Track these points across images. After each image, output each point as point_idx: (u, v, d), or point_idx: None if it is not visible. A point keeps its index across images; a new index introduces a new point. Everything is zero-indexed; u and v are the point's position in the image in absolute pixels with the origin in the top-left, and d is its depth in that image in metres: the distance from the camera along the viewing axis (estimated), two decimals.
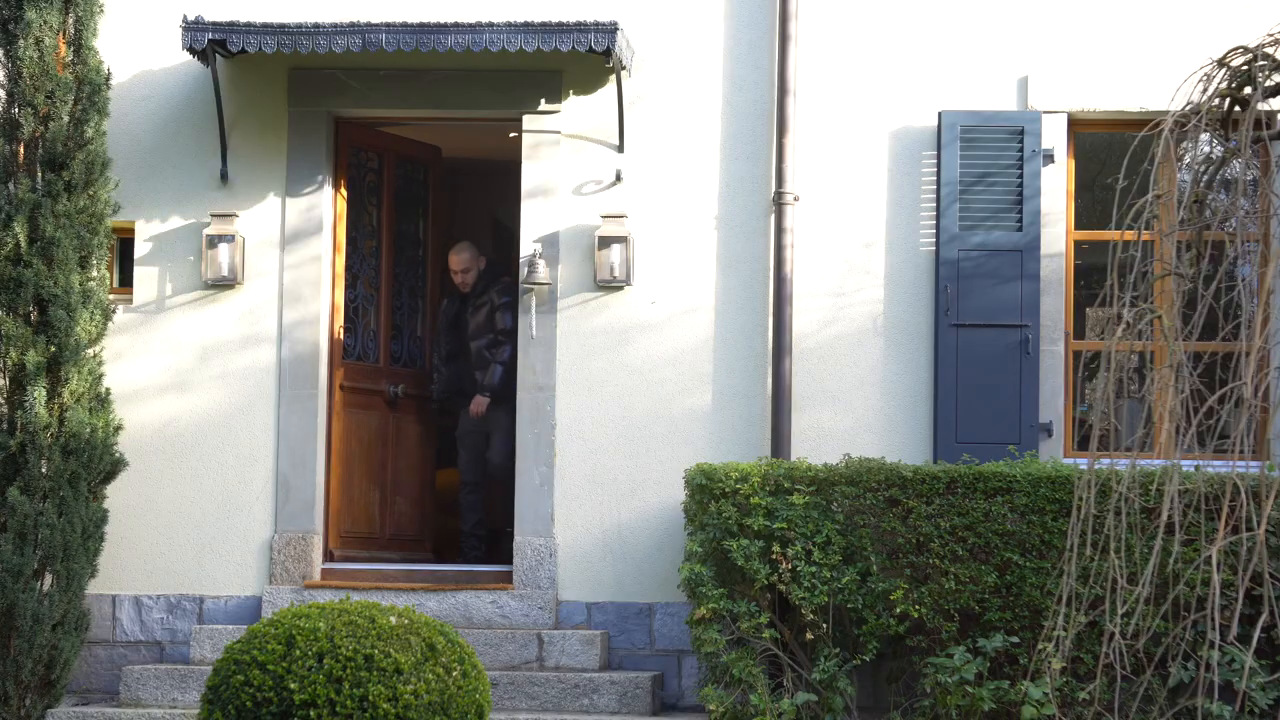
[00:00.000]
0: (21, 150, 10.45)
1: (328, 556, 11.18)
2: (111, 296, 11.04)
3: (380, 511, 11.44)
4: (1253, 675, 9.42)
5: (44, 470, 10.20)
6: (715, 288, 10.99)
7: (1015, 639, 9.74)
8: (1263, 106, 8.45)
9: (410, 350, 11.71)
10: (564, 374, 11.02)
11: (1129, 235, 8.33)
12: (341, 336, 11.31)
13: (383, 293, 11.45)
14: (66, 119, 10.44)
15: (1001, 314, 10.72)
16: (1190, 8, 10.86)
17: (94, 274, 10.55)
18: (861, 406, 10.86)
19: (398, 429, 11.60)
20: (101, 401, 10.51)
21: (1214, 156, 8.66)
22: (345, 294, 11.34)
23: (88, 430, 10.30)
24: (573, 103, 11.13)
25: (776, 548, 9.94)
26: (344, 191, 11.37)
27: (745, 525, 10.00)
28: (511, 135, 11.26)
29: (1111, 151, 11.21)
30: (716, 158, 11.05)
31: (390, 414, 11.52)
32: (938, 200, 10.84)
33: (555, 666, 10.55)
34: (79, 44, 10.53)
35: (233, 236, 11.05)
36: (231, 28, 10.59)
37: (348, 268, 11.36)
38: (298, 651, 7.31)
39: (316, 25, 10.56)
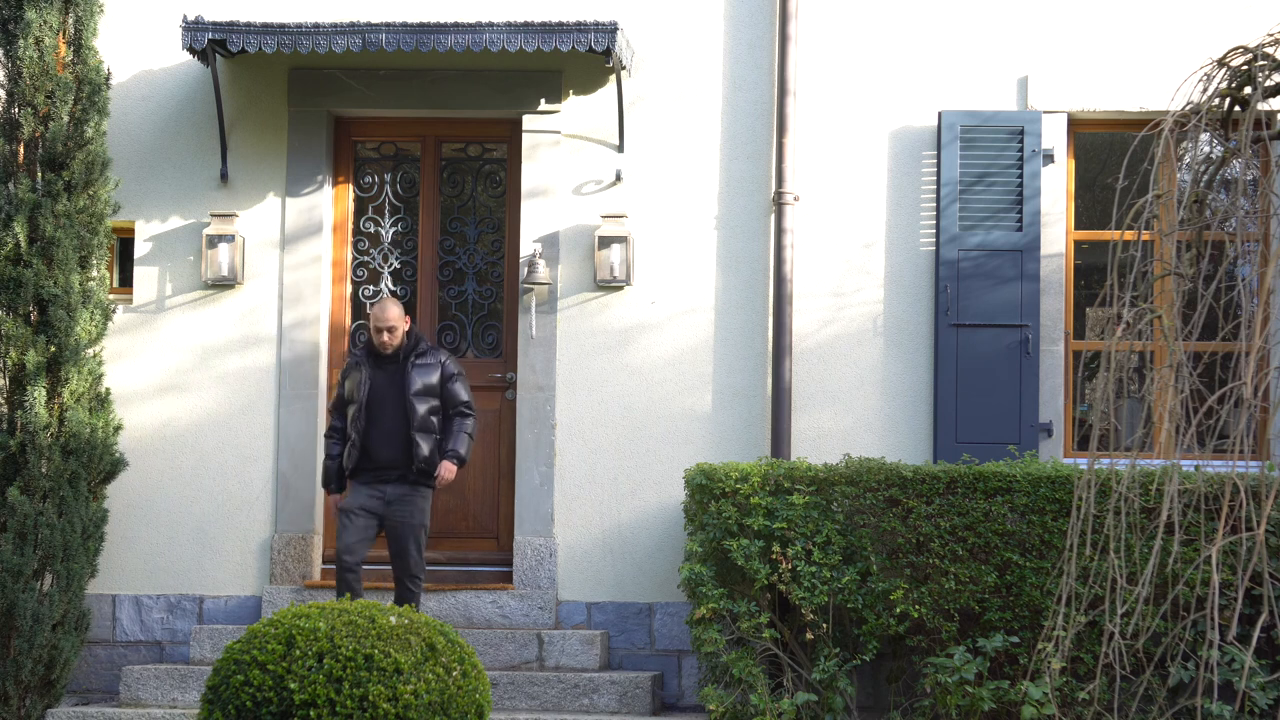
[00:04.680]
0: (21, 150, 10.46)
1: (328, 557, 11.17)
2: (111, 296, 11.04)
3: None
4: (1252, 675, 9.43)
5: (44, 470, 10.21)
6: (715, 288, 10.99)
7: (1015, 639, 9.74)
8: (1263, 106, 8.45)
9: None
10: (564, 374, 11.02)
11: (1129, 235, 8.32)
12: (348, 334, 11.31)
13: (421, 284, 11.40)
14: (66, 119, 10.44)
15: (1001, 314, 10.72)
16: (1190, 8, 10.86)
17: (94, 274, 10.56)
18: (861, 406, 10.87)
19: None
20: (101, 401, 10.52)
21: (1214, 156, 8.65)
22: (385, 286, 11.37)
23: (88, 430, 10.31)
24: (573, 103, 11.13)
25: (776, 548, 9.94)
26: (352, 188, 11.38)
27: (745, 525, 10.00)
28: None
29: (1111, 151, 11.21)
30: (716, 158, 11.05)
31: None
32: (938, 200, 10.84)
33: (555, 666, 10.55)
34: (79, 44, 10.54)
35: (233, 236, 11.05)
36: (231, 28, 10.59)
37: (363, 264, 11.37)
38: (298, 651, 7.30)
39: (316, 25, 10.57)
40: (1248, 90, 8.39)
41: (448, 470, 10.08)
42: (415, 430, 10.07)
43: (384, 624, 7.44)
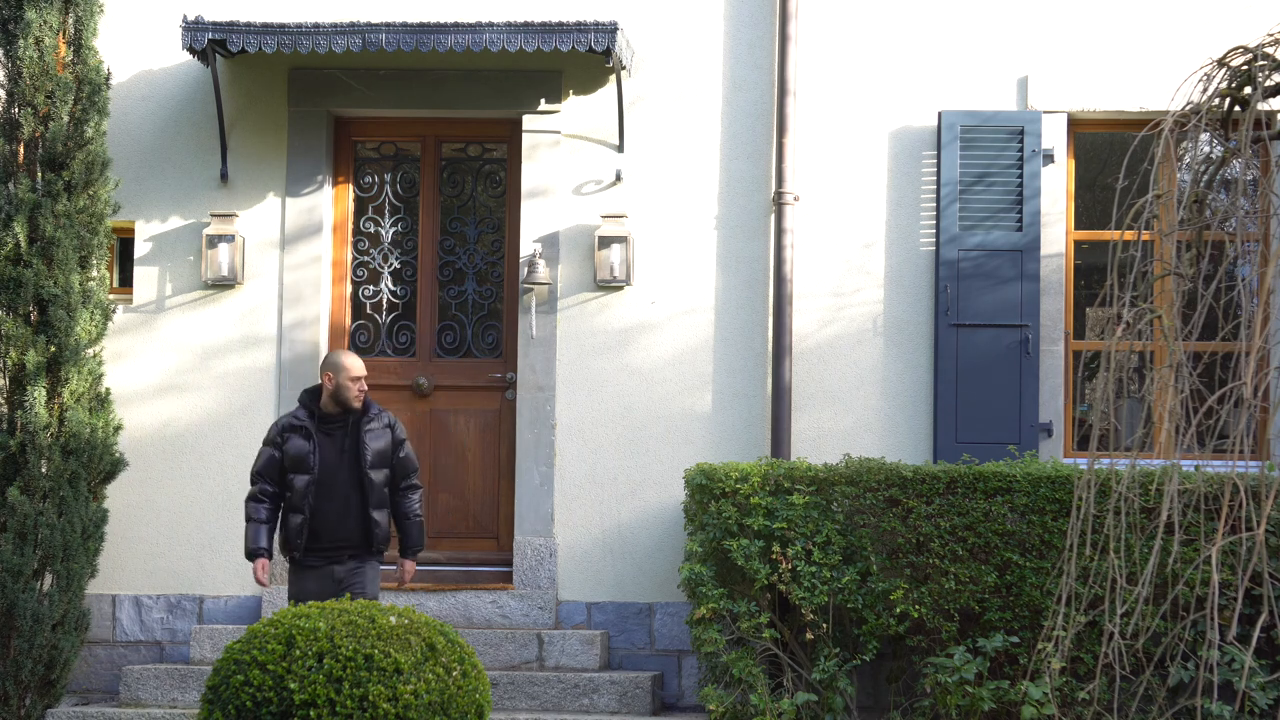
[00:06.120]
0: (21, 150, 10.46)
1: None
2: (111, 296, 11.04)
3: None
4: (1252, 675, 9.43)
5: (44, 470, 10.21)
6: (715, 288, 10.99)
7: (1015, 639, 9.74)
8: (1263, 106, 8.44)
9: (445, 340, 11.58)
10: (564, 374, 11.02)
11: (1129, 235, 8.32)
12: (348, 334, 11.31)
13: (421, 284, 11.40)
14: (66, 119, 10.44)
15: (1001, 314, 10.72)
16: (1190, 8, 10.86)
17: (94, 274, 10.56)
18: (861, 406, 10.87)
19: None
20: (101, 401, 10.52)
21: (1214, 156, 8.65)
22: (385, 286, 11.38)
23: (88, 430, 10.31)
24: (573, 103, 11.13)
25: (776, 548, 9.94)
26: (352, 188, 11.38)
27: (745, 525, 10.00)
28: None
29: (1111, 151, 11.21)
30: (716, 158, 11.05)
31: (411, 408, 11.38)
32: (938, 200, 10.84)
33: (555, 666, 10.55)
34: (79, 44, 10.54)
35: (233, 236, 11.06)
36: (231, 28, 10.60)
37: (363, 264, 11.38)
38: (298, 651, 7.30)
39: (316, 25, 10.57)
40: (1248, 90, 8.39)
41: (411, 571, 9.41)
42: (373, 508, 9.23)
43: (384, 624, 7.44)
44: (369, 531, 9.25)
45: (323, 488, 9.22)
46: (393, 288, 11.42)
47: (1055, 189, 10.87)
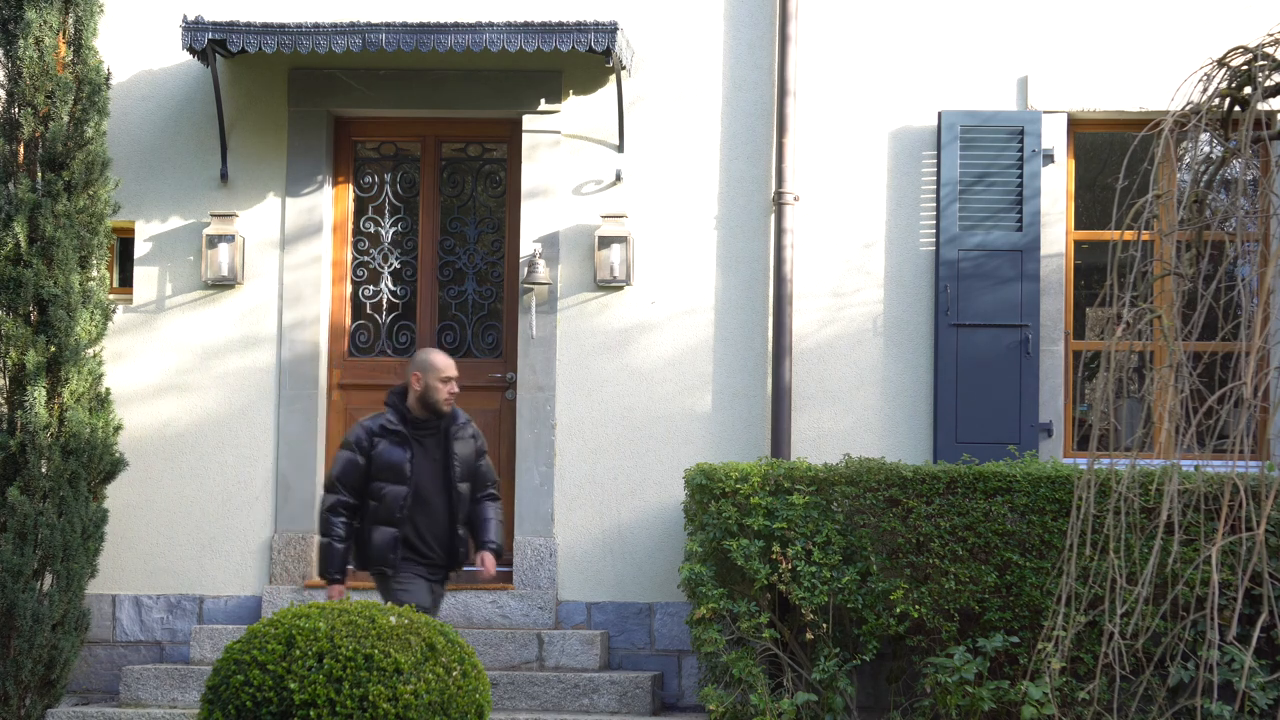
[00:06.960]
0: (21, 150, 10.46)
1: None
2: (111, 296, 11.05)
3: None
4: (1252, 675, 9.43)
5: (44, 470, 10.21)
6: (715, 288, 10.99)
7: (1015, 639, 9.74)
8: (1263, 106, 8.44)
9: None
10: (564, 374, 11.02)
11: (1129, 235, 8.32)
12: (348, 334, 11.32)
13: (421, 284, 11.41)
14: (66, 119, 10.44)
15: (1001, 314, 10.72)
16: (1190, 8, 10.86)
17: (94, 274, 10.56)
18: (861, 406, 10.87)
19: None
20: (101, 401, 10.52)
21: (1214, 156, 8.65)
22: (385, 286, 11.39)
23: (88, 430, 10.31)
24: (573, 103, 11.13)
25: (776, 548, 9.94)
26: (352, 188, 11.38)
27: (745, 525, 10.00)
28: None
29: (1111, 151, 11.21)
30: (716, 158, 11.06)
31: None
32: (938, 200, 10.84)
33: (555, 666, 10.55)
34: (79, 44, 10.54)
35: (233, 236, 11.06)
36: (231, 28, 10.60)
37: (363, 264, 11.39)
38: (298, 651, 7.30)
39: (316, 25, 10.58)
40: (1248, 90, 8.39)
41: (491, 565, 8.95)
42: (460, 523, 8.95)
43: (384, 624, 7.43)
44: (454, 549, 8.97)
45: (418, 500, 8.85)
46: (393, 288, 11.42)
47: (1055, 189, 10.87)
